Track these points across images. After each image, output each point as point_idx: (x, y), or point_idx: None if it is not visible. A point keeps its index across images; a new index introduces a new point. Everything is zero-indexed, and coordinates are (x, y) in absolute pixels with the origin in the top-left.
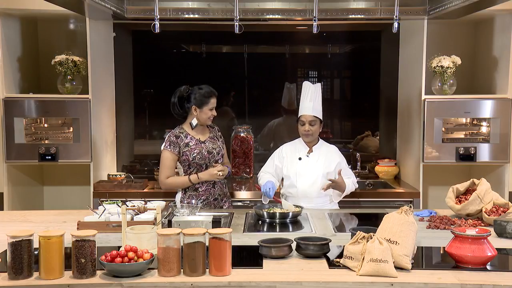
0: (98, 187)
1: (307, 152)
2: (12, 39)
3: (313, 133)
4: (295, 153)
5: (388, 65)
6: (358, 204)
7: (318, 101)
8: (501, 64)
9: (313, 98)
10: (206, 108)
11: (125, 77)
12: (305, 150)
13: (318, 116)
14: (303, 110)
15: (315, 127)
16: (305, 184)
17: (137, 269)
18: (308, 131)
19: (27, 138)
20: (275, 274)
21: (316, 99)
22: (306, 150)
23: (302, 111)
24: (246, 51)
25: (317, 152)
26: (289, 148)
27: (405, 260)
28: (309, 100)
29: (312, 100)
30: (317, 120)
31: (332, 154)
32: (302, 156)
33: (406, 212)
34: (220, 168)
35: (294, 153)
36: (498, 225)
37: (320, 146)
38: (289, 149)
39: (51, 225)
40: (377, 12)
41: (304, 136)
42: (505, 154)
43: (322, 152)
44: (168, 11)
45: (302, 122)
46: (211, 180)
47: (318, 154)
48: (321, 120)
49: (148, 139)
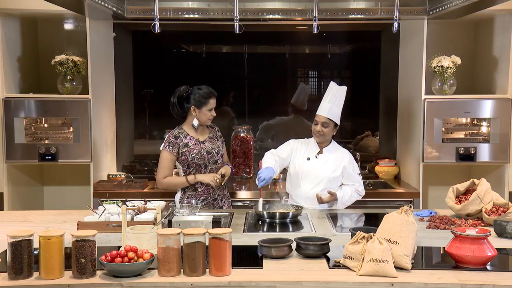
0: (98, 187)
1: (317, 153)
2: (12, 39)
3: (325, 134)
4: (305, 152)
5: (388, 65)
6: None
7: (338, 104)
8: (501, 64)
9: (333, 100)
10: (205, 108)
11: (125, 77)
12: (315, 150)
13: (333, 119)
14: (319, 110)
15: (327, 129)
16: (309, 186)
17: (137, 269)
18: (319, 132)
19: (27, 138)
20: (275, 274)
21: (335, 102)
22: (316, 151)
23: (319, 111)
24: (246, 51)
25: (326, 155)
26: (302, 145)
27: (405, 260)
28: (328, 101)
29: (331, 102)
30: (331, 122)
31: (342, 159)
32: (311, 156)
33: (406, 212)
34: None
35: (305, 152)
36: (498, 225)
37: (332, 148)
38: (303, 146)
39: (51, 225)
40: (377, 12)
41: (315, 135)
42: (505, 154)
43: (332, 155)
44: (168, 11)
45: (315, 122)
46: (208, 182)
47: (327, 157)
48: (336, 124)
49: (148, 139)
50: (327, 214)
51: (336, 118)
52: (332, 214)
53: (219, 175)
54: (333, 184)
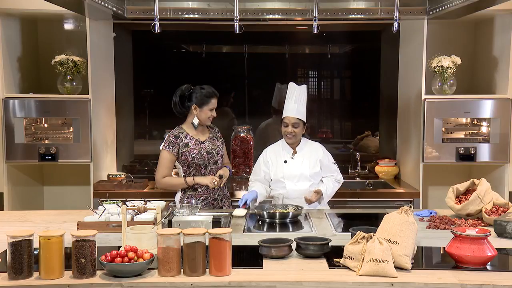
0: (98, 187)
1: (292, 154)
2: (12, 39)
3: (296, 135)
4: (279, 157)
5: (388, 65)
6: (358, 204)
7: (303, 103)
8: (501, 64)
9: (298, 100)
10: (206, 108)
11: (125, 77)
12: (289, 152)
13: (302, 118)
14: (287, 112)
15: (298, 129)
16: (294, 186)
17: (137, 269)
18: (291, 133)
19: (27, 138)
20: (275, 274)
21: (300, 101)
22: (290, 152)
23: (286, 113)
24: (246, 51)
25: (301, 153)
26: (272, 152)
27: (405, 260)
28: (294, 102)
29: (297, 102)
30: (300, 122)
31: (316, 153)
32: (287, 159)
33: (406, 212)
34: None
35: (278, 157)
36: (498, 225)
37: (303, 146)
38: (273, 152)
39: (51, 225)
40: (377, 12)
41: (287, 138)
42: (505, 154)
43: (306, 152)
44: (168, 11)
45: (285, 124)
46: (206, 184)
47: (302, 155)
48: (305, 122)
49: (148, 139)
50: (327, 214)
51: (304, 117)
52: (332, 214)
53: (217, 177)
54: (315, 179)
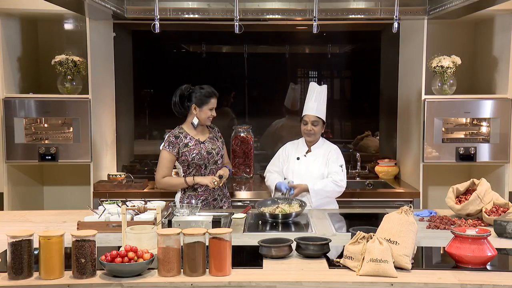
0: (98, 187)
1: (306, 152)
2: (12, 39)
3: (315, 133)
4: (296, 153)
5: (388, 65)
6: (358, 204)
7: (323, 103)
8: (501, 64)
9: (318, 99)
10: (206, 107)
11: (125, 77)
12: (304, 150)
13: (321, 117)
14: (307, 110)
15: (317, 127)
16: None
17: (137, 269)
18: (310, 131)
19: (27, 138)
20: (275, 274)
21: (320, 100)
22: (305, 150)
23: (306, 111)
24: (246, 51)
25: (315, 152)
26: (291, 147)
27: (405, 260)
28: (314, 100)
29: (317, 101)
30: (319, 120)
31: (329, 153)
32: (300, 156)
33: (406, 212)
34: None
35: (295, 153)
36: (498, 225)
37: (320, 145)
38: (292, 148)
39: (51, 225)
40: (377, 12)
41: (306, 135)
42: (505, 154)
43: (321, 152)
44: (168, 11)
45: (305, 122)
46: (206, 184)
47: (316, 154)
48: (324, 121)
49: (148, 139)
50: (327, 214)
51: (324, 116)
52: (332, 214)
53: (217, 177)
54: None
